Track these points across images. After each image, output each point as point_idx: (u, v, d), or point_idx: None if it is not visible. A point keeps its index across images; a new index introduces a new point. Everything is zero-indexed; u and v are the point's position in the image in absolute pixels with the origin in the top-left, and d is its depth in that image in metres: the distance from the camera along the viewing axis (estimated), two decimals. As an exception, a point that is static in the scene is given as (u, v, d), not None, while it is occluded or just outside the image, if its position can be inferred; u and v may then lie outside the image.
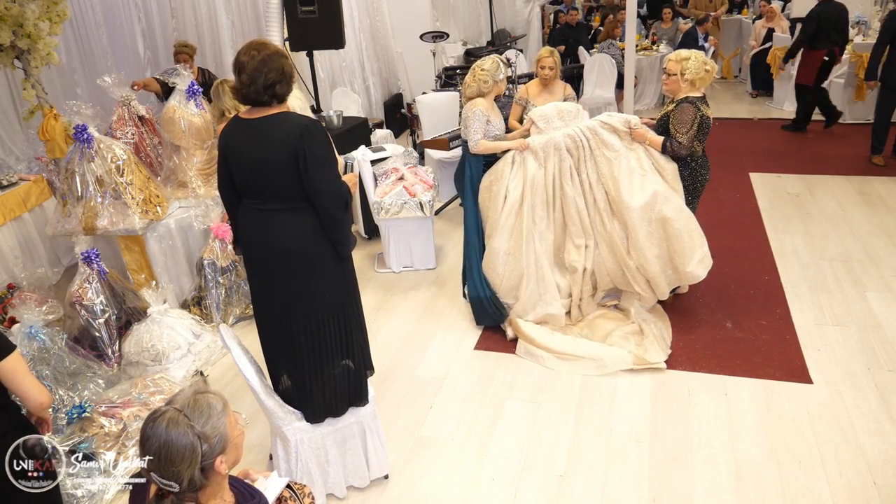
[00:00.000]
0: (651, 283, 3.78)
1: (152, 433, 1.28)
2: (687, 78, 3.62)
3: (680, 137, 3.60)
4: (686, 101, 3.62)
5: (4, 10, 3.92)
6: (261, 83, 2.31)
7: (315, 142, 2.32)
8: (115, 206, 3.99)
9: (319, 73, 6.36)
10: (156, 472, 1.29)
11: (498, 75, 3.85)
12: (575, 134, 3.75)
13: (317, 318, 2.52)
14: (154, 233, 4.13)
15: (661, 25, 9.74)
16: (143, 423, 1.31)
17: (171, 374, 3.66)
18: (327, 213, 2.40)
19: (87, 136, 3.89)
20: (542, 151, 3.75)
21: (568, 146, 3.75)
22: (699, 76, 3.61)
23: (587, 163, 3.75)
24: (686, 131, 3.59)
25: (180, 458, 1.27)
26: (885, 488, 2.67)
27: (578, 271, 3.85)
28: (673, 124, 3.65)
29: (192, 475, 1.28)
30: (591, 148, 3.74)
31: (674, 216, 3.59)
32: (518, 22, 10.92)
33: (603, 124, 3.74)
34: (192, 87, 4.36)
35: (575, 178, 3.77)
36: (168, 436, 1.27)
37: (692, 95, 3.65)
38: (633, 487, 2.78)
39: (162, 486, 1.28)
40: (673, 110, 3.67)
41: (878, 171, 6.11)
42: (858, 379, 3.32)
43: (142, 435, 1.30)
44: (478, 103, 3.83)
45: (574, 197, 3.76)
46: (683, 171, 3.73)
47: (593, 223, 3.80)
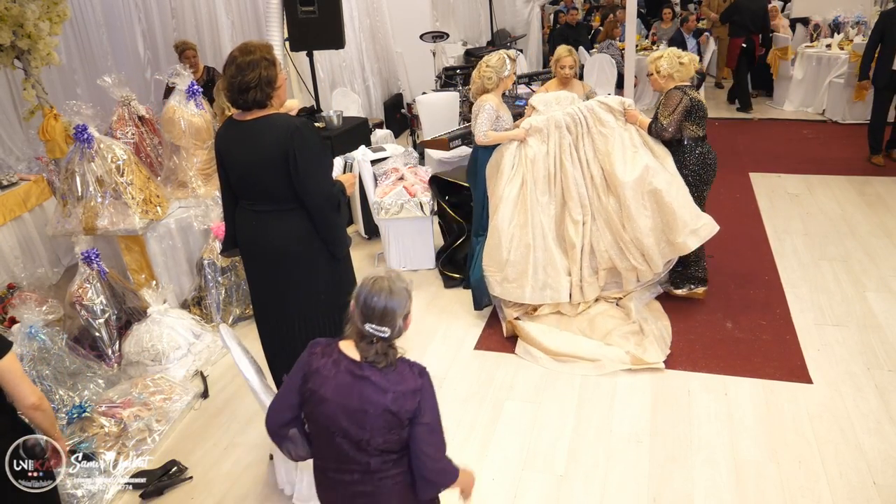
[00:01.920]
0: (645, 256, 3.87)
1: (377, 295, 1.67)
2: (664, 74, 3.82)
3: (662, 120, 3.78)
4: (674, 89, 3.81)
5: (4, 10, 3.93)
6: (236, 86, 2.32)
7: (305, 143, 2.32)
8: (116, 206, 3.99)
9: (319, 73, 6.36)
10: (371, 323, 1.68)
11: (503, 71, 3.95)
12: (574, 112, 3.92)
13: (313, 318, 2.52)
14: (154, 233, 4.13)
15: (662, 25, 9.74)
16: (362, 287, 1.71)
17: (171, 374, 3.66)
18: (318, 214, 2.40)
19: (87, 136, 3.89)
20: (545, 129, 3.89)
21: (567, 124, 3.91)
22: (675, 70, 3.80)
23: (585, 140, 3.91)
24: (669, 114, 3.76)
25: (396, 314, 1.69)
26: (885, 488, 2.67)
27: (577, 248, 3.91)
28: (659, 108, 3.86)
29: (399, 324, 1.71)
30: (588, 126, 3.90)
31: (664, 188, 3.74)
32: (518, 22, 10.91)
33: (600, 104, 3.93)
34: (191, 87, 4.36)
35: (574, 155, 3.91)
36: (390, 298, 1.68)
37: (680, 85, 3.82)
38: (633, 487, 2.78)
39: (376, 332, 1.69)
40: (663, 99, 3.88)
41: (878, 171, 6.11)
42: (858, 379, 3.32)
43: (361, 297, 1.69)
44: (488, 98, 3.95)
45: (573, 173, 3.89)
46: (690, 157, 3.86)
47: (590, 198, 3.92)
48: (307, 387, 1.76)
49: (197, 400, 3.56)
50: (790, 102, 8.50)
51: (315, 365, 1.76)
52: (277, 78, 2.38)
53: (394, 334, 1.72)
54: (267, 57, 2.35)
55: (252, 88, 2.31)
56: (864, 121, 7.26)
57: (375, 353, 1.71)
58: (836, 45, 7.99)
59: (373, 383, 1.69)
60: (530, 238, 3.84)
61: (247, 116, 2.39)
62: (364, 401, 1.68)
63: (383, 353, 1.72)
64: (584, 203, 3.91)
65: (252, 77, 2.30)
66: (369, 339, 1.71)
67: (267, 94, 2.35)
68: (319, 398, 1.72)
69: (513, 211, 3.87)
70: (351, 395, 1.70)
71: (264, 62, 2.33)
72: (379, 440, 1.71)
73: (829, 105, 7.94)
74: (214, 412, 3.49)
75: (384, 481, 1.77)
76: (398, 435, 1.72)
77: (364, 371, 1.70)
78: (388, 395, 1.69)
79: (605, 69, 8.43)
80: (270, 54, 2.37)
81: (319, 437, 1.80)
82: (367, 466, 1.75)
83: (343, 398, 1.70)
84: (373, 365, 1.71)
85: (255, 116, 2.37)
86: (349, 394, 1.70)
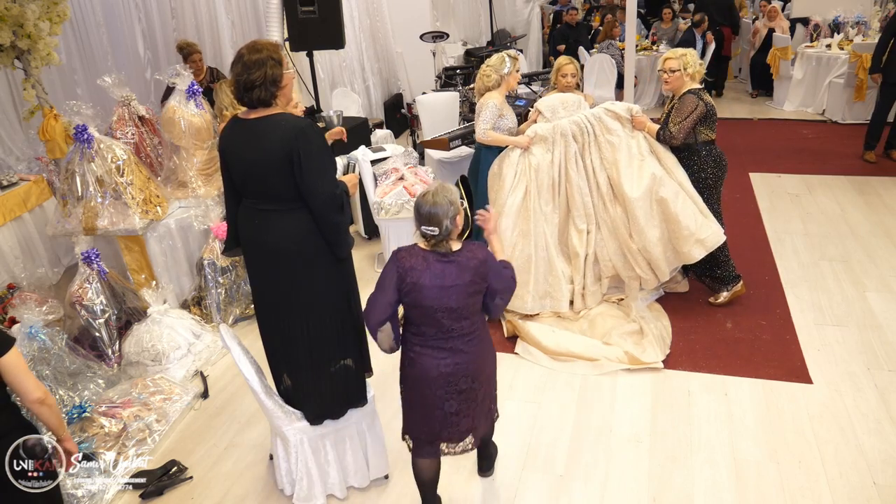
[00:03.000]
0: (652, 265, 3.86)
1: (425, 205, 2.19)
2: (689, 72, 3.76)
3: (672, 127, 3.74)
4: (689, 93, 3.75)
5: (4, 10, 3.93)
6: (241, 84, 2.33)
7: (309, 144, 2.32)
8: (116, 206, 3.99)
9: (319, 73, 6.36)
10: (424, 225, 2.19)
11: (502, 69, 3.95)
12: (580, 121, 3.89)
13: (313, 318, 2.52)
14: (154, 233, 4.13)
15: (661, 25, 9.74)
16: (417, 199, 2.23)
17: (171, 374, 3.67)
18: (322, 215, 2.40)
19: (87, 136, 3.89)
20: (550, 137, 3.86)
21: (573, 132, 3.88)
22: (697, 69, 3.78)
23: (591, 148, 3.88)
24: (680, 121, 3.72)
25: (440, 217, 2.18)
26: (885, 488, 2.68)
27: (580, 257, 3.91)
28: (673, 112, 3.80)
29: (446, 224, 2.19)
30: (595, 134, 3.87)
31: (671, 197, 3.72)
32: (518, 22, 10.92)
33: (607, 111, 3.90)
34: (192, 87, 4.36)
35: (580, 164, 3.89)
36: (434, 206, 2.18)
37: (694, 87, 3.78)
38: (633, 487, 2.78)
39: (429, 232, 2.20)
40: (677, 103, 3.80)
41: (877, 172, 6.11)
42: (858, 379, 3.32)
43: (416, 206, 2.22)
44: (492, 96, 3.95)
45: (578, 182, 3.88)
46: (707, 159, 3.84)
47: (595, 207, 3.91)
48: (406, 282, 2.22)
49: (197, 400, 3.56)
50: (790, 102, 8.50)
51: (407, 265, 2.23)
52: (283, 77, 2.39)
53: (442, 232, 2.20)
54: (274, 56, 2.36)
55: (257, 87, 2.33)
56: (864, 121, 7.27)
57: (434, 245, 2.23)
58: (836, 46, 8.00)
59: (457, 264, 2.22)
60: (532, 248, 3.84)
61: (252, 115, 2.39)
62: (455, 279, 2.21)
63: (441, 244, 2.24)
64: (589, 212, 3.91)
65: (257, 76, 2.31)
66: (428, 238, 2.23)
67: (272, 93, 2.36)
68: (420, 287, 2.20)
69: (515, 220, 3.85)
70: (444, 277, 2.21)
71: (270, 61, 2.34)
72: (469, 305, 2.26)
73: (829, 105, 7.94)
74: (214, 412, 3.49)
75: (476, 336, 2.34)
76: (478, 298, 2.30)
77: (448, 258, 2.22)
78: (468, 269, 2.23)
79: (605, 69, 8.43)
80: (277, 54, 2.38)
81: (423, 318, 2.27)
82: (466, 327, 2.29)
83: (439, 280, 2.21)
84: (450, 253, 2.23)
85: (260, 115, 2.38)
86: (442, 276, 2.21)
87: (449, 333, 2.28)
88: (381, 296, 2.24)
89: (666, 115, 3.89)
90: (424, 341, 2.31)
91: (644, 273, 3.88)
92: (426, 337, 2.31)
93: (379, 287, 2.26)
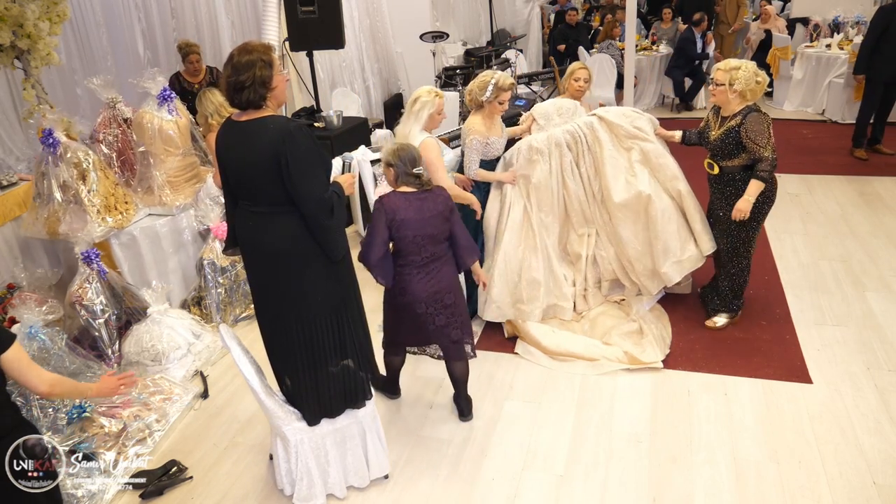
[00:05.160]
0: (642, 278, 3.88)
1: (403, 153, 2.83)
2: (736, 89, 3.35)
3: (765, 152, 3.33)
4: (752, 111, 3.37)
5: (4, 10, 3.92)
6: (231, 85, 2.33)
7: (297, 147, 2.31)
8: (76, 211, 3.91)
9: (319, 73, 6.36)
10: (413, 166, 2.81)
11: (481, 95, 3.66)
12: (574, 130, 3.87)
13: (310, 318, 2.51)
14: (117, 240, 4.06)
15: (662, 25, 9.74)
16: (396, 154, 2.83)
17: (171, 374, 3.67)
18: (312, 218, 2.39)
19: (52, 140, 3.82)
20: (546, 149, 3.83)
21: (568, 142, 3.86)
22: (750, 87, 3.34)
23: (586, 157, 3.86)
24: (767, 142, 3.32)
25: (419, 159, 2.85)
26: (885, 488, 2.68)
27: (582, 258, 3.93)
28: (751, 139, 3.34)
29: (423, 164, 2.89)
30: (588, 143, 3.85)
31: (658, 216, 3.70)
32: (518, 22, 10.92)
33: (601, 120, 3.86)
34: (164, 93, 4.22)
35: (575, 172, 3.88)
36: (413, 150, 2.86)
37: (749, 105, 3.42)
38: (633, 487, 2.78)
39: (421, 171, 2.84)
40: (741, 124, 3.37)
41: (877, 171, 6.11)
42: (858, 379, 3.32)
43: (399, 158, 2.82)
44: (474, 129, 3.72)
45: (576, 190, 3.87)
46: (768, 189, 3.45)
47: (594, 213, 3.92)
48: (395, 220, 2.74)
49: (197, 400, 3.56)
50: (790, 102, 8.50)
51: (392, 206, 2.76)
52: (273, 79, 2.37)
53: (425, 170, 2.88)
54: (264, 58, 2.34)
55: (246, 88, 2.32)
56: (864, 121, 7.27)
57: (421, 183, 2.83)
58: (835, 45, 8.00)
59: (431, 199, 2.81)
60: (540, 263, 3.83)
61: (243, 117, 2.39)
62: (431, 210, 2.79)
63: (426, 181, 2.85)
64: (588, 217, 3.92)
65: (247, 77, 2.30)
66: (416, 176, 2.82)
67: (261, 95, 2.35)
68: (406, 221, 2.75)
69: (519, 235, 3.83)
70: (423, 210, 2.78)
71: (260, 63, 2.33)
72: (442, 231, 2.84)
73: (829, 105, 7.95)
74: (214, 412, 3.49)
75: (447, 259, 2.93)
76: (447, 226, 2.86)
77: (423, 195, 2.81)
78: (439, 202, 2.83)
79: (605, 69, 8.43)
80: (268, 55, 2.37)
81: (409, 246, 2.80)
82: (441, 251, 2.89)
83: (420, 213, 2.77)
84: (424, 190, 2.82)
85: (251, 117, 2.37)
86: (422, 209, 2.78)
87: (431, 258, 2.85)
88: (376, 236, 2.73)
89: (725, 139, 3.46)
90: (412, 269, 2.85)
91: (638, 280, 3.90)
92: (413, 265, 2.84)
93: (372, 230, 2.75)
